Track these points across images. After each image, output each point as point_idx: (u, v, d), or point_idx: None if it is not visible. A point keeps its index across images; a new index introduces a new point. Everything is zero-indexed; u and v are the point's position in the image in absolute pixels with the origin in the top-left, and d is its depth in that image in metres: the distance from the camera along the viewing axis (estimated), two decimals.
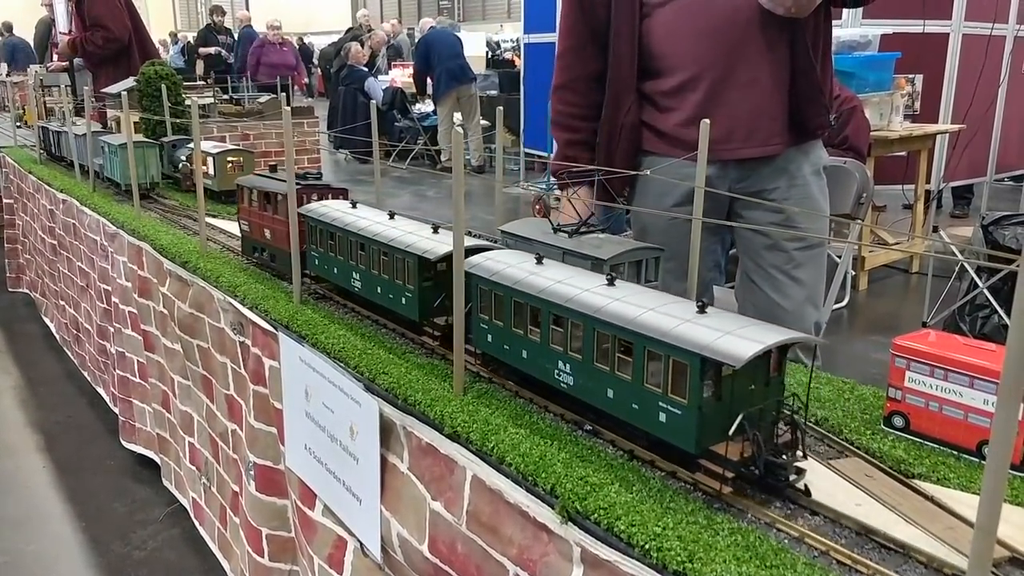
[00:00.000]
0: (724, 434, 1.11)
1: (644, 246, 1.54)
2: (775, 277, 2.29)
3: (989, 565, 0.79)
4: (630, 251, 1.49)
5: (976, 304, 3.86)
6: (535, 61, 9.60)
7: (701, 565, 0.99)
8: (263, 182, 2.25)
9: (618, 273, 1.42)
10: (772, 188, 2.26)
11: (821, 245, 2.35)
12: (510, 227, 1.69)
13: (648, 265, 1.53)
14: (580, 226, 1.58)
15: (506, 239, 1.68)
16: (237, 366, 2.26)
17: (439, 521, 1.41)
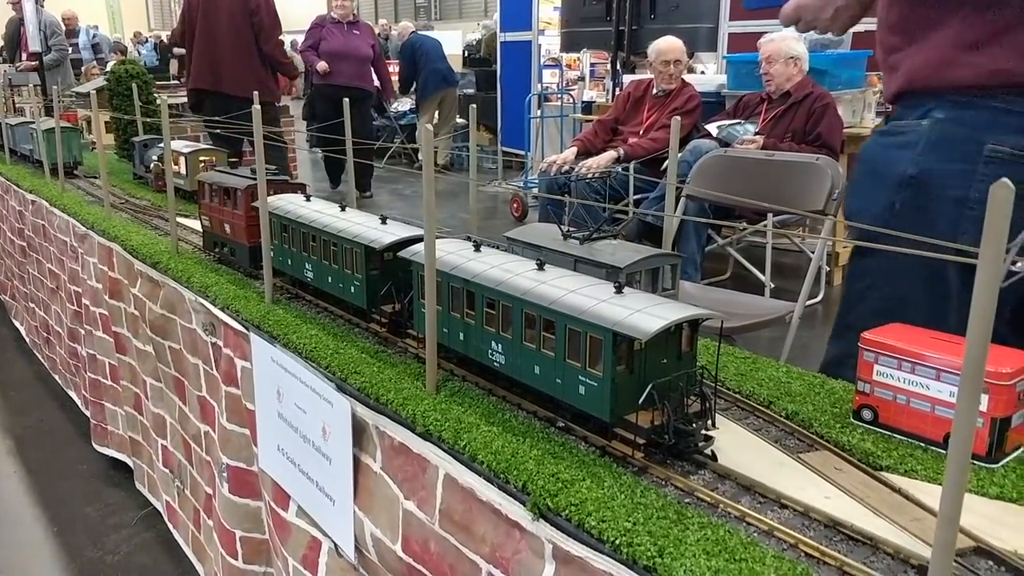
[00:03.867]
0: (636, 404, 1.19)
1: (661, 253, 1.49)
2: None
3: (952, 554, 0.80)
4: (646, 258, 1.44)
5: None
6: (511, 59, 9.60)
7: (671, 560, 0.99)
8: (222, 178, 2.26)
9: (634, 282, 1.41)
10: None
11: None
12: (516, 233, 1.66)
13: (664, 272, 1.49)
14: (592, 232, 1.54)
15: (513, 246, 1.63)
16: (209, 367, 2.24)
17: (412, 520, 1.41)
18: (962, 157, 1.57)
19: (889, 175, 1.66)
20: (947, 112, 1.58)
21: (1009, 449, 1.25)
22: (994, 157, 1.55)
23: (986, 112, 1.55)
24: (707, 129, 5.37)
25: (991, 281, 0.72)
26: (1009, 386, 1.20)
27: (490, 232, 7.00)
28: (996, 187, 0.71)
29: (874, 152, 1.73)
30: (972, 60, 1.55)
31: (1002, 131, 1.54)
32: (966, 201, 1.57)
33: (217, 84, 5.75)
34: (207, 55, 5.82)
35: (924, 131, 1.61)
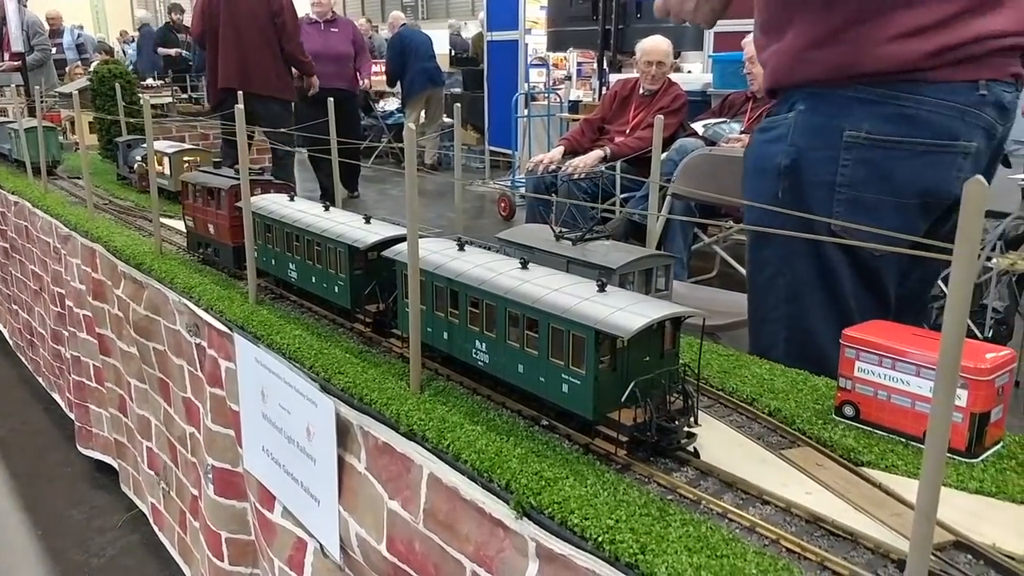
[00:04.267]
0: (619, 402, 1.20)
1: (654, 253, 1.48)
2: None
3: (930, 548, 0.81)
4: (639, 259, 1.44)
5: (933, 295, 3.93)
6: (498, 59, 9.60)
7: (653, 556, 1.00)
8: (206, 178, 2.26)
9: (627, 283, 1.41)
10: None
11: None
12: (508, 234, 1.65)
13: (657, 273, 1.48)
14: (585, 234, 1.53)
15: (505, 247, 1.62)
16: (194, 368, 2.23)
17: (396, 520, 1.41)
18: (825, 144, 1.68)
19: (769, 167, 1.77)
20: (807, 103, 1.71)
21: (988, 444, 1.26)
22: (852, 142, 1.66)
23: (840, 101, 1.67)
24: (693, 128, 5.38)
25: (966, 278, 0.73)
26: (988, 381, 1.21)
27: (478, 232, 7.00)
28: (970, 184, 0.72)
29: (755, 149, 1.84)
30: (818, 57, 1.67)
31: (856, 118, 1.65)
32: (834, 185, 1.68)
33: (246, 84, 5.80)
34: (234, 56, 5.87)
35: (790, 123, 1.74)
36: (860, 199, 1.68)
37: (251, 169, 2.27)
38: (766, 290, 1.87)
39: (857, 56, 1.64)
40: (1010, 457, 1.25)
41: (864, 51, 1.63)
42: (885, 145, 1.65)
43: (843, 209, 1.69)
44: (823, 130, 1.69)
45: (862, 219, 1.61)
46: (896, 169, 1.67)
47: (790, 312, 1.82)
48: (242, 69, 5.86)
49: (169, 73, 10.49)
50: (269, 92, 5.93)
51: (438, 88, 10.89)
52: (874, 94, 1.65)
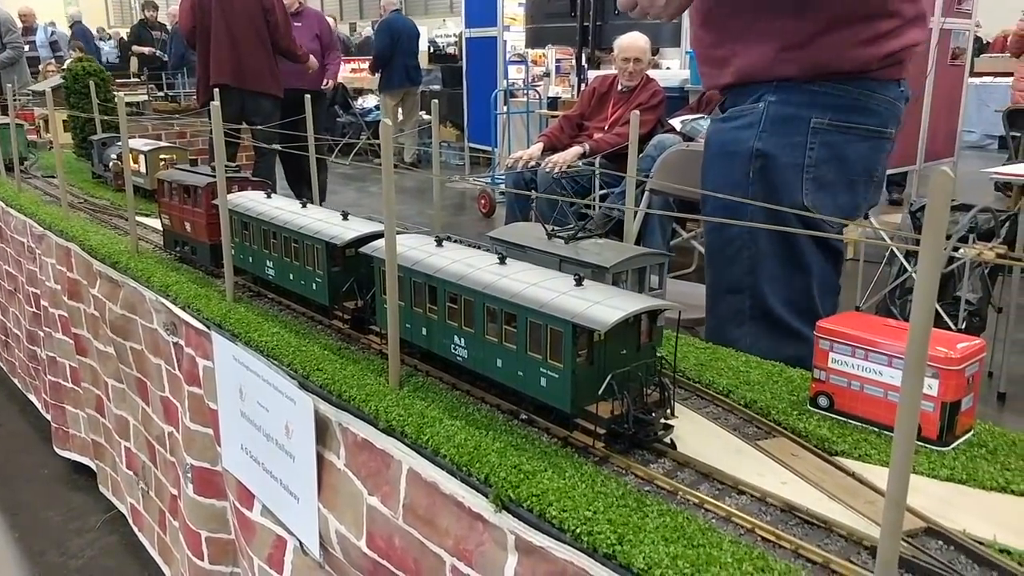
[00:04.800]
0: (597, 395, 1.21)
1: (648, 252, 1.48)
2: None
3: (900, 534, 0.82)
4: (632, 258, 1.44)
5: (906, 288, 3.99)
6: (476, 56, 9.59)
7: (630, 547, 1.01)
8: (182, 176, 2.24)
9: (620, 281, 1.41)
10: None
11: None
12: (500, 233, 1.64)
13: (651, 272, 1.48)
14: (577, 232, 1.53)
15: (496, 246, 1.61)
16: (171, 367, 2.22)
17: (376, 516, 1.41)
18: (794, 131, 1.92)
19: (740, 151, 1.95)
20: (777, 96, 1.92)
21: (959, 432, 1.28)
22: (818, 128, 1.91)
23: (807, 95, 1.91)
24: (671, 124, 5.41)
25: (933, 267, 0.74)
26: (958, 371, 1.23)
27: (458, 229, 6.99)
28: (937, 175, 0.73)
29: (721, 135, 2.02)
30: (795, 58, 1.89)
31: (820, 108, 1.90)
32: (803, 166, 1.92)
33: (240, 80, 5.76)
34: (227, 51, 5.83)
35: (760, 112, 1.94)
36: (822, 177, 1.94)
37: (228, 166, 2.26)
38: (731, 263, 2.03)
39: (829, 58, 1.88)
40: (980, 445, 1.27)
41: (835, 54, 1.88)
42: (843, 130, 1.92)
43: (811, 187, 1.94)
44: (793, 119, 1.91)
45: (825, 195, 1.95)
46: (849, 151, 1.94)
47: (752, 282, 2.01)
48: (236, 64, 5.83)
49: (144, 71, 10.39)
50: (262, 88, 5.91)
51: (415, 87, 10.86)
52: (836, 88, 1.91)
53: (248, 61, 5.88)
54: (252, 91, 5.83)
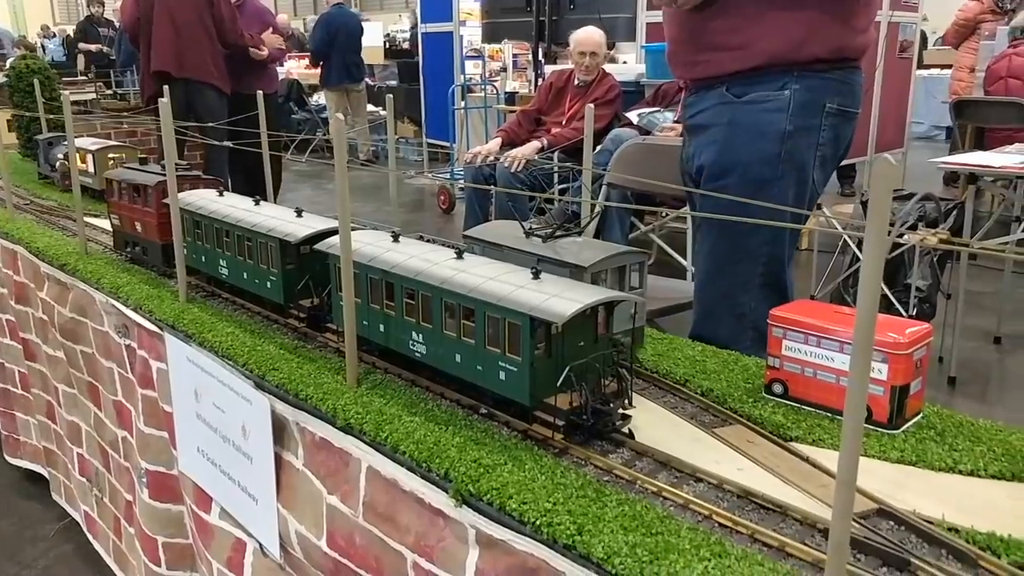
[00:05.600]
0: (555, 387, 1.21)
1: (627, 250, 1.48)
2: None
3: (850, 515, 0.84)
4: (611, 256, 1.43)
5: (859, 276, 4.06)
6: (432, 50, 9.54)
7: (590, 537, 1.01)
8: (132, 175, 2.20)
9: (600, 281, 1.40)
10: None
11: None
12: (476, 232, 1.62)
13: (631, 270, 1.47)
14: (556, 230, 1.51)
15: (472, 245, 1.60)
16: (124, 370, 2.17)
17: (336, 515, 1.40)
18: (813, 115, 2.11)
19: (771, 132, 2.11)
20: (800, 84, 2.09)
21: (909, 415, 1.31)
22: (829, 112, 2.11)
23: (823, 82, 2.09)
24: (628, 118, 5.44)
25: (878, 253, 0.76)
26: (907, 355, 1.26)
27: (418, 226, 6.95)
28: (880, 164, 0.75)
29: (750, 116, 2.15)
30: (822, 39, 2.04)
31: (833, 94, 2.10)
32: (816, 145, 2.14)
33: (181, 68, 5.58)
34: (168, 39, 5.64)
35: (787, 98, 2.10)
36: (825, 155, 2.17)
37: (178, 164, 2.22)
38: (750, 233, 2.16)
39: (846, 41, 2.08)
40: (929, 427, 1.30)
41: (850, 38, 2.09)
42: (842, 113, 2.14)
43: (818, 164, 2.16)
44: (812, 104, 2.10)
45: (822, 171, 2.20)
46: (841, 131, 2.17)
47: (771, 251, 2.18)
48: (177, 52, 5.64)
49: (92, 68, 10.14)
50: (205, 78, 5.74)
51: (356, 83, 10.72)
52: (838, 76, 2.12)
53: (190, 50, 5.66)
54: (195, 81, 5.64)
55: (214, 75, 5.76)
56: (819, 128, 2.13)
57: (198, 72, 5.67)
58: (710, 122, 2.20)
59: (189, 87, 5.61)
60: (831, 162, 2.21)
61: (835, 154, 2.21)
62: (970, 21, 8.18)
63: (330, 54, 10.30)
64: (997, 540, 1.00)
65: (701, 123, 2.23)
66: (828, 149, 2.17)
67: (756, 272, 2.18)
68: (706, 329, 2.20)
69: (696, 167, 2.24)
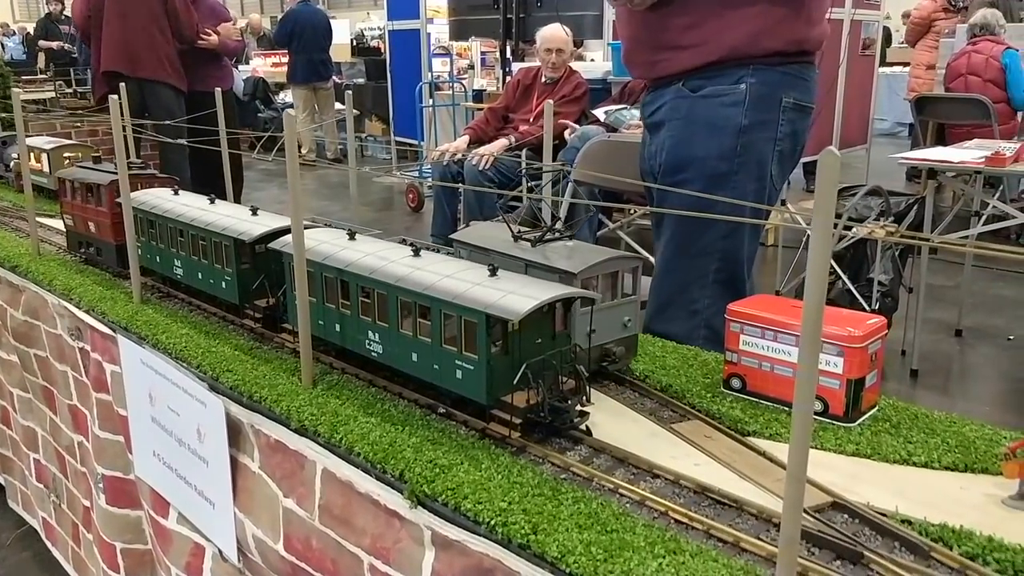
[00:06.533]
0: (511, 385, 1.20)
1: (620, 255, 1.41)
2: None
3: (801, 508, 0.84)
4: (603, 262, 1.37)
5: None
6: (400, 48, 9.49)
7: (544, 536, 1.00)
8: (85, 174, 2.15)
9: (591, 287, 1.35)
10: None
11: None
12: (462, 235, 1.57)
13: (624, 276, 1.41)
14: (545, 234, 1.46)
15: (459, 248, 1.55)
16: (78, 374, 2.12)
17: (292, 518, 1.37)
18: (769, 109, 2.11)
19: (727, 126, 2.11)
20: (756, 78, 2.09)
21: (865, 408, 1.32)
22: (786, 107, 2.12)
23: (778, 76, 2.10)
24: (595, 115, 5.44)
25: (824, 244, 0.75)
26: (862, 348, 1.26)
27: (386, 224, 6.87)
28: (823, 156, 0.74)
29: (706, 110, 2.14)
30: (779, 32, 2.04)
31: (788, 88, 2.11)
32: (775, 140, 2.14)
33: (133, 67, 5.40)
34: (119, 37, 5.44)
35: (744, 92, 2.09)
36: (784, 151, 2.17)
37: (132, 163, 2.18)
38: (704, 230, 2.15)
39: (804, 35, 2.08)
40: (885, 420, 1.31)
41: (806, 31, 2.08)
42: (799, 108, 2.15)
43: (777, 157, 2.16)
44: (768, 98, 2.10)
45: (781, 167, 2.19)
46: (799, 126, 2.17)
47: (725, 246, 2.18)
48: (129, 51, 5.45)
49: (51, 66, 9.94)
50: (158, 77, 5.57)
51: (323, 81, 10.64)
52: (794, 70, 2.12)
53: (142, 47, 5.48)
54: (149, 80, 5.45)
55: (169, 73, 5.59)
56: (776, 123, 2.13)
57: (152, 71, 5.49)
58: (667, 118, 2.19)
59: (143, 86, 5.44)
60: (789, 158, 2.21)
61: (793, 150, 2.20)
62: (924, 20, 8.30)
63: (293, 53, 10.21)
64: (949, 531, 1.00)
65: (659, 120, 2.23)
66: (786, 144, 2.16)
67: (710, 268, 2.18)
68: (660, 324, 2.20)
69: (657, 164, 2.23)
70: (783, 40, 2.05)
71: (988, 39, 6.75)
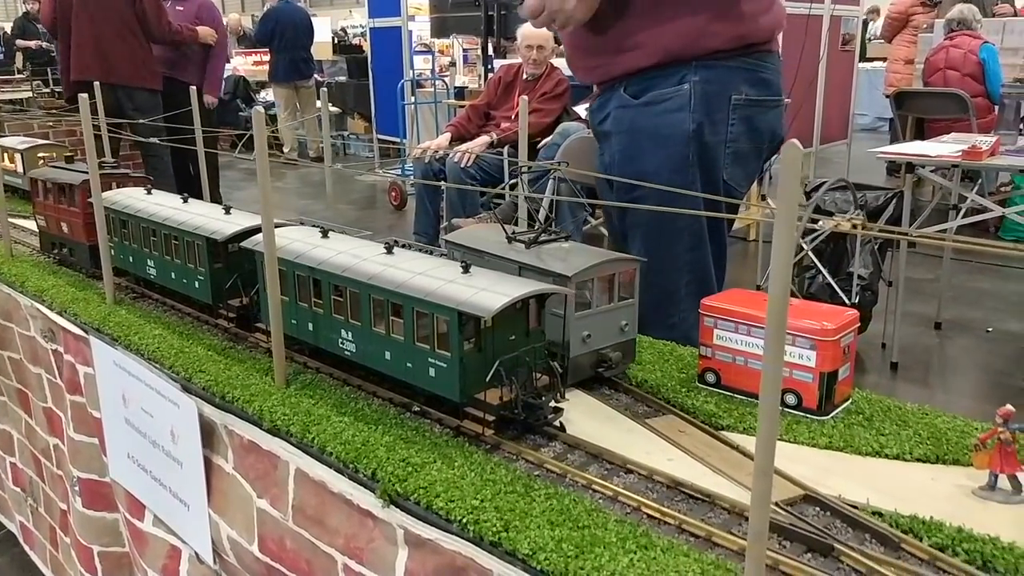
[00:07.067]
0: (484, 382, 1.20)
1: (618, 257, 1.38)
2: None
3: (769, 503, 0.84)
4: (598, 264, 1.33)
5: (803, 266, 4.12)
6: (381, 46, 9.45)
7: (516, 533, 1.00)
8: (56, 174, 2.12)
9: (586, 291, 1.32)
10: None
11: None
12: (456, 236, 1.55)
13: (621, 279, 1.37)
14: (539, 234, 1.42)
15: (452, 250, 1.52)
16: (52, 376, 2.10)
17: (267, 519, 1.36)
18: (718, 108, 1.99)
19: (674, 135, 1.98)
20: (700, 75, 1.96)
21: (838, 401, 1.32)
22: (737, 104, 2.00)
23: (726, 71, 1.98)
24: (577, 112, 5.44)
25: (787, 235, 0.75)
26: (834, 342, 1.27)
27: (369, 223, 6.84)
28: (786, 148, 0.74)
29: (649, 120, 2.02)
30: (720, 30, 1.94)
31: (739, 84, 1.99)
32: (726, 141, 2.02)
33: (106, 74, 5.30)
34: (90, 43, 5.32)
35: (688, 93, 1.97)
36: (739, 151, 2.04)
37: (105, 163, 2.15)
38: (671, 243, 2.07)
39: (748, 28, 1.96)
40: (857, 412, 1.31)
41: (750, 24, 1.96)
42: (755, 103, 2.03)
43: (731, 160, 2.04)
44: (716, 97, 1.98)
45: (738, 168, 2.06)
46: (758, 122, 2.05)
47: (693, 258, 2.10)
48: (101, 58, 5.36)
49: (27, 65, 9.84)
50: (134, 83, 5.48)
51: (305, 80, 10.60)
52: (747, 64, 2.00)
53: (115, 55, 5.33)
54: (123, 85, 5.36)
55: (144, 76, 5.51)
56: (726, 123, 2.01)
57: (127, 76, 5.39)
58: (613, 129, 2.10)
59: (117, 91, 5.35)
60: (752, 156, 2.09)
61: (755, 147, 2.08)
62: (902, 15, 8.35)
63: (275, 51, 10.16)
64: (919, 522, 1.01)
65: (607, 130, 2.13)
66: (743, 144, 2.04)
67: (681, 282, 2.10)
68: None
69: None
70: (722, 39, 1.94)
71: (965, 34, 6.81)
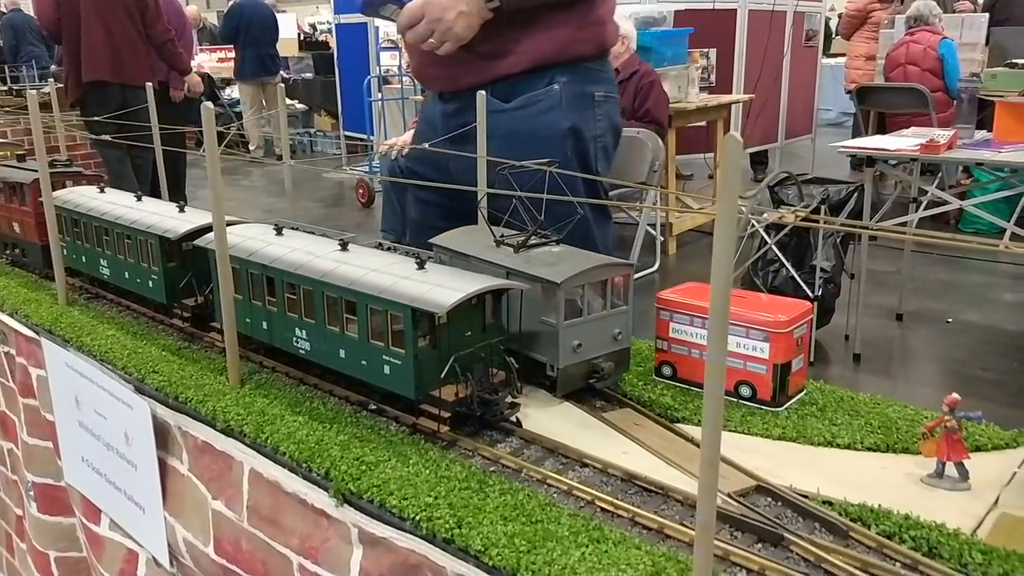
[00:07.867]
0: (440, 378, 1.20)
1: (610, 261, 1.33)
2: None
3: (715, 493, 0.84)
4: (590, 270, 1.29)
5: (767, 259, 4.16)
6: (347, 42, 9.39)
7: (468, 529, 1.00)
8: (7, 172, 2.08)
9: (577, 298, 1.28)
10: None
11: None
12: (443, 239, 1.50)
13: (614, 284, 1.33)
14: (528, 238, 1.38)
15: (439, 254, 1.49)
16: (5, 379, 2.06)
17: (222, 520, 1.35)
18: (586, 106, 2.09)
19: (553, 134, 2.05)
20: (567, 77, 2.05)
21: (792, 392, 1.33)
22: (600, 101, 2.11)
23: (588, 72, 2.10)
24: None
25: (728, 231, 0.76)
26: (787, 333, 1.28)
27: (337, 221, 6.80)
28: (726, 139, 0.75)
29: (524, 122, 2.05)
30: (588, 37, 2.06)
31: (597, 83, 2.11)
32: (596, 138, 2.12)
33: (119, 75, 5.27)
34: (103, 45, 5.30)
35: (558, 94, 2.05)
36: (607, 145, 2.18)
37: (57, 160, 2.11)
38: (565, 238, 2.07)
39: (605, 36, 2.11)
40: (811, 403, 1.33)
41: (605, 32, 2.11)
42: (611, 100, 2.17)
43: (602, 156, 2.15)
44: (583, 96, 2.08)
45: (606, 161, 2.18)
46: (615, 117, 2.18)
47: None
48: (114, 58, 5.34)
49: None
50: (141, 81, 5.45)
51: (271, 76, 10.51)
52: (600, 65, 2.15)
53: (127, 54, 5.39)
54: (133, 86, 5.33)
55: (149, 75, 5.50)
56: (594, 119, 2.12)
57: (136, 76, 5.38)
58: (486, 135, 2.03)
59: (126, 91, 5.33)
60: (612, 149, 2.21)
61: (614, 141, 2.20)
62: (860, 12, 8.45)
63: (239, 46, 10.06)
64: (868, 511, 1.02)
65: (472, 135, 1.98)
66: (608, 139, 2.16)
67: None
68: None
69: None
70: (591, 45, 2.07)
71: (925, 29, 6.91)
